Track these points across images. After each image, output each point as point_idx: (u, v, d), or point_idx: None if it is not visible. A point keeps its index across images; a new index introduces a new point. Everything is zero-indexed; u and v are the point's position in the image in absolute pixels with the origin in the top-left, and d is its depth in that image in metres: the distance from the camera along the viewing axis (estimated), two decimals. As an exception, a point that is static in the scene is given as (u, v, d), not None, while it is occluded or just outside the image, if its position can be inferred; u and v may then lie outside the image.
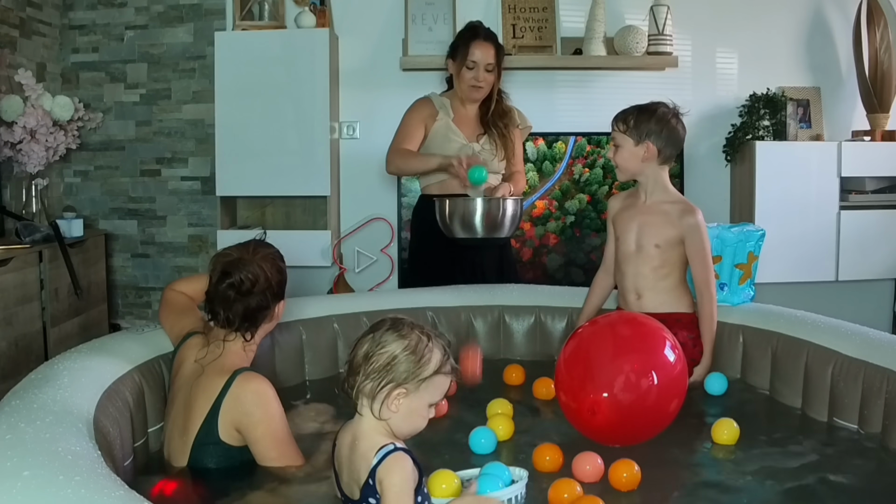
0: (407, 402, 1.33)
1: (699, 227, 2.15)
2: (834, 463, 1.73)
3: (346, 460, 1.36)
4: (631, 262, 2.22)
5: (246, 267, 1.75)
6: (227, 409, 1.67)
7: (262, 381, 1.72)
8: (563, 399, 1.87)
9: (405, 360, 1.32)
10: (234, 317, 1.76)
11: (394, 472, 1.27)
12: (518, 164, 2.96)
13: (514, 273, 3.01)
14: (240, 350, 1.79)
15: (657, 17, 3.60)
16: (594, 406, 1.75)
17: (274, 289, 1.80)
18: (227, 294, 1.74)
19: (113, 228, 3.98)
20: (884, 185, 3.65)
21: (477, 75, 2.82)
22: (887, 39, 3.63)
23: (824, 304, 3.17)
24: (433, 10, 3.71)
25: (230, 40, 3.58)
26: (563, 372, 1.86)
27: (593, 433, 1.82)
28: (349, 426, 1.40)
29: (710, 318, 2.17)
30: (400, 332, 1.34)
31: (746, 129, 3.68)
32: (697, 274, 2.17)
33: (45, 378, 1.57)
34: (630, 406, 1.75)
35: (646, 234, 2.19)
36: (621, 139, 2.18)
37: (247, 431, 1.68)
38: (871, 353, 1.90)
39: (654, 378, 1.76)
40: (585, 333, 1.90)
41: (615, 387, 1.75)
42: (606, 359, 1.80)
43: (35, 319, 3.04)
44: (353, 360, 1.36)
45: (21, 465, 1.14)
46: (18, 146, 3.22)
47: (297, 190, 3.63)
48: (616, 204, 2.32)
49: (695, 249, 2.16)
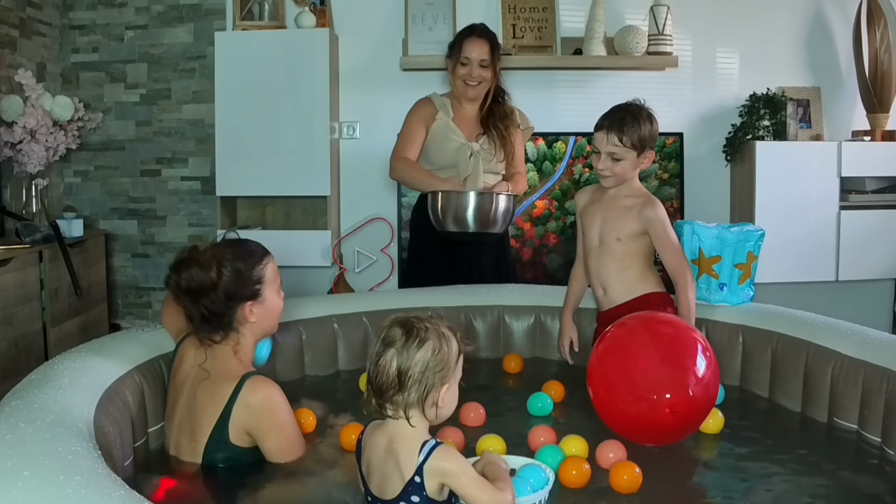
0: (449, 392, 1.40)
1: (659, 219, 2.15)
2: (834, 463, 1.73)
3: (380, 462, 1.38)
4: (594, 256, 2.24)
5: (191, 266, 1.70)
6: (237, 415, 1.67)
7: (271, 386, 1.71)
8: (606, 397, 1.82)
9: (438, 360, 1.36)
10: (195, 319, 1.73)
11: (449, 458, 1.33)
12: (518, 165, 2.95)
13: (513, 272, 3.01)
14: (230, 354, 1.75)
15: (657, 17, 3.60)
16: (674, 406, 1.71)
17: (227, 290, 1.72)
18: (175, 292, 1.72)
19: (113, 228, 3.98)
20: (884, 185, 3.65)
21: (470, 72, 2.82)
22: (887, 39, 3.63)
23: (824, 304, 3.17)
24: (433, 10, 3.71)
25: (230, 40, 3.58)
26: (619, 371, 1.80)
27: (655, 433, 1.79)
28: (380, 428, 1.41)
29: (688, 306, 2.12)
30: (417, 335, 1.36)
31: (746, 129, 3.68)
32: (669, 264, 2.16)
33: (45, 378, 1.57)
34: (702, 404, 1.76)
35: (607, 228, 2.21)
36: (625, 153, 2.15)
37: (259, 437, 1.69)
38: (871, 353, 1.90)
39: (715, 376, 1.79)
40: (630, 333, 1.86)
41: (693, 385, 1.74)
42: (680, 358, 1.77)
43: (35, 319, 3.04)
44: (384, 381, 1.36)
45: (21, 465, 1.14)
46: (18, 146, 3.22)
47: (297, 190, 3.63)
48: (584, 198, 2.34)
49: (659, 240, 2.16)
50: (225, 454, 1.69)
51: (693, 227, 2.35)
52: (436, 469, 1.32)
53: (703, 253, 2.34)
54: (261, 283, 1.78)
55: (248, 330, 1.79)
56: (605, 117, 2.20)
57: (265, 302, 1.80)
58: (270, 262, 1.83)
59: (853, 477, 1.66)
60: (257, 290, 1.78)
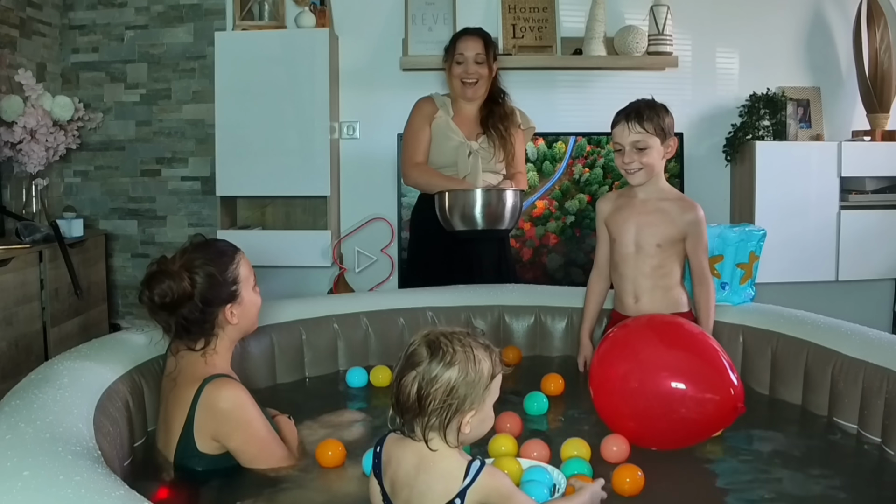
0: (477, 416, 1.30)
1: (700, 223, 2.12)
2: (834, 463, 1.74)
3: (409, 479, 1.29)
4: (630, 264, 2.18)
5: (163, 280, 1.64)
6: (200, 420, 1.61)
7: (232, 385, 1.64)
8: (607, 398, 1.81)
9: (464, 385, 1.26)
10: (170, 327, 1.68)
11: (496, 482, 1.27)
12: (519, 164, 2.95)
13: (513, 271, 3.00)
14: (197, 357, 1.69)
15: (657, 17, 3.60)
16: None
17: (204, 297, 1.67)
18: (149, 307, 1.67)
19: (113, 228, 3.98)
20: (884, 185, 3.65)
21: (466, 69, 2.82)
22: (887, 39, 3.63)
23: (824, 304, 3.17)
24: (433, 10, 3.71)
25: (230, 40, 3.58)
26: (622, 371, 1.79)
27: (659, 436, 1.77)
28: (407, 443, 1.31)
29: (709, 307, 2.13)
30: (443, 357, 1.26)
31: (746, 129, 3.68)
32: (700, 264, 2.14)
33: (45, 378, 1.57)
34: (712, 410, 1.73)
35: (645, 233, 2.15)
36: (649, 140, 2.09)
37: (226, 440, 1.63)
38: (871, 353, 1.90)
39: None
40: (635, 332, 1.85)
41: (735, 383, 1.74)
42: (720, 355, 1.77)
43: (35, 319, 3.04)
44: (405, 399, 1.26)
45: (21, 465, 1.14)
46: (18, 146, 3.22)
47: (297, 190, 3.63)
48: (607, 206, 2.26)
49: (696, 244, 2.13)
50: (195, 463, 1.63)
51: None
52: (479, 494, 1.25)
53: None
54: (236, 284, 1.73)
55: (227, 332, 1.74)
56: (622, 111, 2.15)
57: (243, 302, 1.75)
58: (242, 260, 1.77)
59: (853, 477, 1.66)
60: (234, 292, 1.72)
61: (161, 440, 1.71)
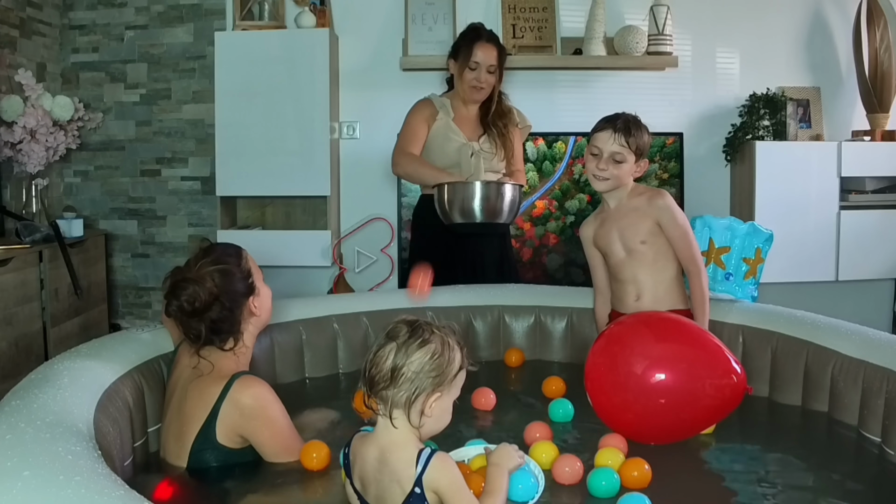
0: (439, 403, 1.36)
1: (669, 207, 2.16)
2: (834, 463, 1.74)
3: (374, 473, 1.35)
4: (625, 268, 2.21)
5: (188, 286, 1.71)
6: (225, 414, 1.67)
7: (260, 384, 1.71)
8: (602, 394, 1.85)
9: (436, 366, 1.34)
10: (201, 334, 1.74)
11: (446, 472, 1.32)
12: (518, 163, 2.96)
13: (514, 270, 3.00)
14: (230, 355, 1.78)
15: (657, 17, 3.60)
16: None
17: (229, 295, 1.75)
18: (180, 317, 1.73)
19: (113, 228, 3.98)
20: (884, 185, 3.65)
21: (479, 76, 2.82)
22: (887, 39, 3.63)
23: (824, 304, 3.17)
24: (433, 10, 3.71)
25: (230, 40, 3.58)
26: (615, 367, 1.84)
27: (653, 430, 1.81)
28: (369, 439, 1.39)
29: (702, 293, 2.13)
30: (423, 338, 1.34)
31: (746, 128, 3.68)
32: (681, 251, 2.16)
33: (45, 378, 1.57)
34: (709, 398, 1.81)
35: (627, 234, 2.19)
36: (627, 156, 2.16)
37: (252, 436, 1.69)
38: (871, 353, 1.90)
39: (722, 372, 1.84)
40: (628, 328, 1.91)
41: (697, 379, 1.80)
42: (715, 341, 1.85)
43: (35, 319, 3.04)
44: (377, 373, 1.34)
45: (21, 465, 1.14)
46: (18, 146, 3.22)
47: (297, 190, 3.63)
48: (590, 229, 2.31)
49: (672, 228, 2.15)
50: (211, 455, 1.68)
51: (705, 220, 2.39)
52: (430, 481, 1.30)
53: (713, 242, 2.37)
54: (251, 276, 1.83)
55: (250, 327, 1.84)
56: (610, 120, 2.21)
57: (260, 293, 1.86)
58: (247, 255, 1.87)
59: (853, 476, 1.66)
60: (251, 284, 1.82)
61: (173, 431, 1.73)
